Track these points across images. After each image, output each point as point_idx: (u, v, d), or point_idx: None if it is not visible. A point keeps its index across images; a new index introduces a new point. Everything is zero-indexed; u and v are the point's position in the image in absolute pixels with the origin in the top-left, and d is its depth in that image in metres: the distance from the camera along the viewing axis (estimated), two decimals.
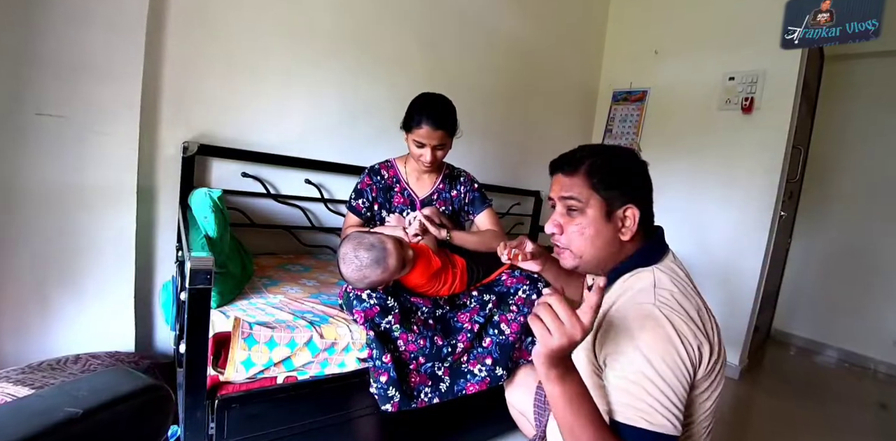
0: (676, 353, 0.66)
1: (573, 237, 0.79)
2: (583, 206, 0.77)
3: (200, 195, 1.20)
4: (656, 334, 0.67)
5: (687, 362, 0.66)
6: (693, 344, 0.67)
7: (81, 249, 1.32)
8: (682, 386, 0.66)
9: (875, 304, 2.80)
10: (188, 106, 1.56)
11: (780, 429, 1.87)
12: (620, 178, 0.77)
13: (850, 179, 2.93)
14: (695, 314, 0.71)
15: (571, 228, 0.79)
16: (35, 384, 1.04)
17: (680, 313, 0.69)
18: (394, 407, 1.09)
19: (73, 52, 1.25)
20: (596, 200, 0.77)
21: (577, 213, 0.78)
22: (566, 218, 0.80)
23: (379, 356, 1.09)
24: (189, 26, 1.52)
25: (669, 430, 0.64)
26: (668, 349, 0.66)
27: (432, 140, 1.32)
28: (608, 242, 0.78)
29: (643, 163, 0.82)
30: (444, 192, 1.50)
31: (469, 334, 1.22)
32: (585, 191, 0.77)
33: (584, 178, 0.77)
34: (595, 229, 0.77)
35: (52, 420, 0.39)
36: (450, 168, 1.54)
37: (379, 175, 1.47)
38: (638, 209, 0.77)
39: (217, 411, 0.95)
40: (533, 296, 1.28)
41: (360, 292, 1.14)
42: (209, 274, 0.83)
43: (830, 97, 2.91)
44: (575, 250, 0.80)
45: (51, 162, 1.26)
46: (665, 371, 0.65)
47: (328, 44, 1.83)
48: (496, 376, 1.22)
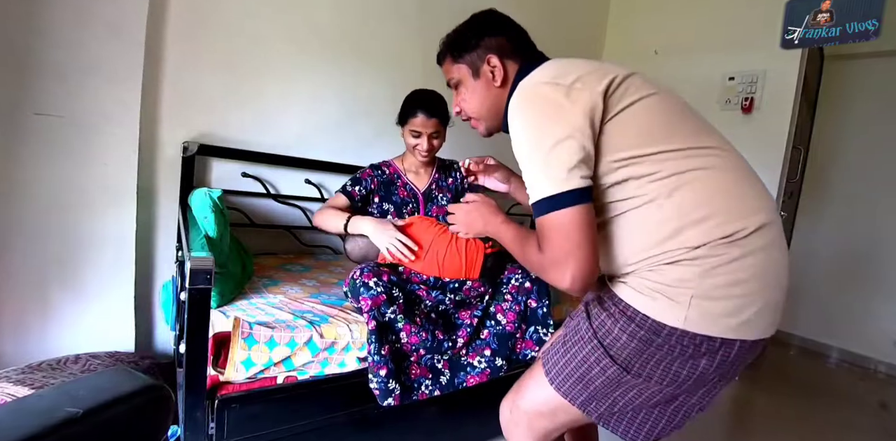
0: (543, 107, 0.68)
1: (466, 106, 0.90)
2: (458, 78, 0.89)
3: (200, 195, 1.20)
4: (521, 105, 0.70)
5: (566, 104, 0.66)
6: (563, 87, 0.67)
7: (81, 249, 1.33)
8: (572, 131, 0.65)
9: (875, 304, 2.80)
10: (188, 106, 1.56)
11: (780, 429, 1.87)
12: (466, 40, 0.86)
13: (850, 179, 2.93)
14: (560, 69, 0.73)
15: (462, 102, 0.91)
16: (35, 384, 1.04)
17: (544, 76, 0.71)
18: (395, 400, 1.09)
19: (73, 52, 1.25)
20: (463, 69, 0.87)
21: (460, 88, 0.90)
22: (457, 96, 0.92)
23: (378, 350, 1.09)
24: (189, 26, 1.52)
25: (565, 187, 0.64)
26: (535, 106, 0.69)
27: (427, 128, 1.37)
28: (490, 96, 0.86)
29: (488, 13, 0.90)
30: (442, 182, 1.55)
31: (469, 329, 1.23)
32: (453, 67, 0.89)
33: (448, 59, 0.90)
34: (473, 90, 0.87)
35: (52, 420, 0.39)
36: (440, 160, 1.60)
37: (380, 170, 1.52)
38: (496, 55, 0.83)
39: (217, 411, 0.95)
40: (526, 283, 1.29)
41: (367, 279, 1.14)
42: (209, 274, 0.83)
43: (830, 97, 2.91)
44: (474, 114, 0.90)
45: (51, 162, 1.26)
46: (535, 133, 0.67)
47: (328, 44, 1.84)
48: (496, 367, 1.23)
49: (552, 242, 0.66)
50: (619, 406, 0.74)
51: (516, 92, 0.73)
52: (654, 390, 0.71)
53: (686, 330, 0.65)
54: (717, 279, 0.64)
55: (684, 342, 0.66)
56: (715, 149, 0.71)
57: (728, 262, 0.64)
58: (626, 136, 0.68)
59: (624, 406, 0.74)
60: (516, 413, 0.85)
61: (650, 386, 0.71)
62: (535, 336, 1.30)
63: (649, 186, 0.67)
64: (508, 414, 0.87)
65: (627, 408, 0.75)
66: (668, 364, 0.68)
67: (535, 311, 1.30)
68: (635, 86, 0.70)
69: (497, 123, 0.90)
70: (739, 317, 0.65)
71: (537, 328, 1.30)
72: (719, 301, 0.65)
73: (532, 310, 1.30)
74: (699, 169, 0.67)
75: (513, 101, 0.72)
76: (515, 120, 0.70)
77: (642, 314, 0.68)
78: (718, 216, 0.65)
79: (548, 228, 0.66)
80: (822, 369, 2.74)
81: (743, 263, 0.65)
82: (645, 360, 0.69)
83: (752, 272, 0.65)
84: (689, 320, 0.65)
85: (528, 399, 0.83)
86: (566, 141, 0.64)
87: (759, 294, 0.66)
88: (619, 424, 0.76)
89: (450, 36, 0.91)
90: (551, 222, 0.65)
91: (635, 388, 0.72)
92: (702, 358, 0.67)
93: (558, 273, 0.66)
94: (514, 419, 0.85)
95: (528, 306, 1.29)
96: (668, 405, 0.74)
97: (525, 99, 0.70)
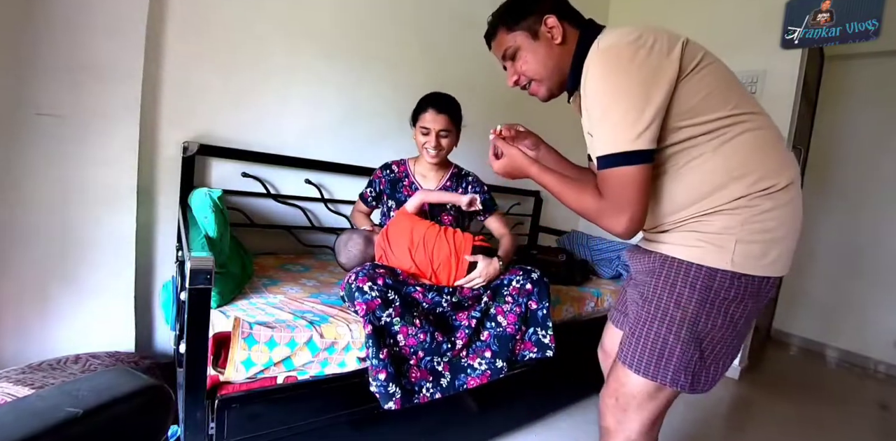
0: (627, 67, 0.73)
1: (525, 69, 0.92)
2: (516, 45, 0.90)
3: (200, 195, 1.20)
4: (605, 64, 0.75)
5: (649, 64, 0.72)
6: (645, 48, 0.73)
7: (81, 249, 1.32)
8: (653, 90, 0.72)
9: (875, 304, 2.80)
10: (188, 106, 1.56)
11: (780, 429, 1.87)
12: (522, 6, 0.89)
13: (850, 179, 2.93)
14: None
15: (521, 67, 0.92)
16: (35, 384, 1.04)
17: (626, 37, 0.75)
18: (397, 404, 1.09)
19: (73, 52, 1.25)
20: (520, 35, 0.89)
21: (518, 54, 0.91)
22: (514, 65, 0.93)
23: (376, 354, 1.09)
24: (189, 26, 1.52)
25: (639, 146, 0.72)
26: (620, 65, 0.73)
27: (436, 124, 1.39)
28: (553, 54, 0.89)
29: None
30: (451, 189, 1.55)
31: (467, 331, 1.23)
32: (509, 36, 0.91)
33: (502, 31, 0.91)
34: (534, 52, 0.89)
35: (52, 420, 0.39)
36: (458, 168, 1.60)
37: (389, 169, 1.57)
38: (554, 15, 0.86)
39: (217, 411, 0.95)
40: (527, 285, 1.29)
41: (361, 283, 1.14)
42: (209, 274, 0.83)
43: (830, 97, 2.91)
44: (535, 76, 0.92)
45: (51, 162, 1.26)
46: (617, 91, 0.73)
47: (328, 44, 1.83)
48: (497, 369, 1.23)
49: (616, 192, 0.75)
50: (694, 369, 0.82)
51: (599, 52, 0.77)
52: (723, 337, 0.81)
53: (735, 271, 0.77)
54: (753, 226, 0.76)
55: (736, 284, 0.78)
56: (757, 114, 0.80)
57: (761, 212, 0.76)
58: (691, 100, 0.75)
59: (699, 366, 0.82)
60: (619, 409, 0.88)
61: (717, 335, 0.80)
62: (535, 337, 1.30)
63: (702, 146, 0.78)
64: (613, 417, 0.89)
65: (707, 361, 0.82)
66: (726, 309, 0.79)
67: (536, 312, 1.30)
68: (698, 51, 0.78)
69: (560, 83, 0.92)
70: (768, 258, 0.78)
71: (536, 330, 1.30)
72: (754, 245, 0.77)
73: (532, 312, 1.30)
74: (746, 132, 0.77)
75: (595, 60, 0.77)
76: (596, 77, 0.76)
77: (696, 264, 0.79)
78: (757, 173, 0.76)
79: (616, 178, 0.75)
80: (822, 369, 2.74)
81: (773, 214, 0.77)
82: (708, 310, 0.79)
83: (780, 221, 0.77)
84: (735, 263, 0.77)
85: (623, 393, 0.87)
86: (646, 102, 0.72)
87: (782, 240, 0.79)
88: (698, 385, 0.83)
89: (500, 9, 0.92)
90: (620, 175, 0.74)
91: (710, 344, 0.81)
92: (750, 298, 0.79)
93: (615, 219, 0.76)
94: (618, 417, 0.88)
95: (528, 308, 1.29)
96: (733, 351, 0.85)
97: (609, 58, 0.75)
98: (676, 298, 0.81)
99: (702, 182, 0.78)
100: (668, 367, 0.81)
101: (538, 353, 1.30)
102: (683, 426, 1.78)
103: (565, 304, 1.65)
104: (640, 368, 0.84)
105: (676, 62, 0.73)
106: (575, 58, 0.87)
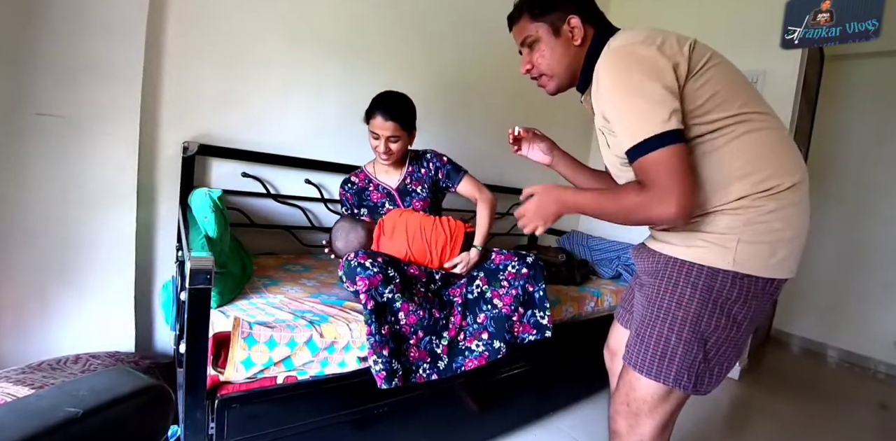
0: (640, 63, 0.74)
1: (540, 62, 0.92)
2: (536, 36, 0.91)
3: (200, 195, 1.20)
4: (617, 63, 0.76)
5: (659, 62, 0.73)
6: (655, 47, 0.74)
7: (81, 249, 1.32)
8: (665, 84, 0.73)
9: (875, 304, 2.80)
10: (188, 106, 1.56)
11: (780, 429, 1.87)
12: (551, 1, 0.89)
13: (850, 179, 2.93)
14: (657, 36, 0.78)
15: (537, 59, 0.92)
16: (35, 384, 1.04)
17: (635, 38, 0.77)
18: (399, 380, 1.10)
19: (73, 52, 1.25)
20: (542, 27, 0.90)
21: (535, 45, 0.92)
22: (530, 54, 0.93)
23: (378, 330, 1.10)
24: (189, 26, 1.52)
25: (669, 127, 0.71)
26: (631, 63, 0.74)
27: (385, 131, 1.38)
28: (569, 54, 0.90)
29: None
30: (415, 174, 1.53)
31: (460, 308, 1.28)
32: (531, 25, 0.91)
33: (525, 17, 0.91)
34: (552, 48, 0.90)
35: (52, 420, 0.40)
36: (412, 151, 1.56)
37: (349, 183, 1.56)
38: (578, 16, 0.87)
39: (217, 411, 0.95)
40: (522, 269, 1.32)
41: (362, 260, 1.16)
42: (209, 274, 0.83)
43: (830, 97, 2.91)
44: (547, 71, 0.92)
45: (51, 162, 1.26)
46: (633, 85, 0.73)
47: (328, 44, 1.83)
48: (494, 350, 1.25)
49: (658, 176, 0.72)
50: (697, 369, 0.81)
51: (610, 51, 0.79)
52: (727, 338, 0.81)
53: (737, 272, 0.77)
54: (758, 227, 0.76)
55: (738, 284, 0.77)
56: (765, 114, 0.80)
57: (766, 212, 0.76)
58: (698, 99, 0.76)
59: (703, 367, 0.82)
60: (631, 414, 0.88)
61: (720, 335, 0.80)
62: (533, 319, 1.32)
63: (707, 144, 0.77)
64: (625, 418, 0.89)
65: (710, 362, 0.82)
66: (728, 309, 0.79)
67: (533, 294, 1.32)
68: (706, 51, 0.79)
69: (570, 81, 0.94)
70: (774, 258, 0.77)
71: (535, 312, 1.32)
72: (758, 245, 0.76)
73: (529, 294, 1.32)
74: (752, 131, 0.77)
75: (608, 58, 0.78)
76: (611, 75, 0.76)
77: (698, 265, 0.79)
78: (761, 172, 0.76)
79: (654, 164, 0.72)
80: (822, 369, 2.74)
81: (778, 214, 0.76)
82: (710, 310, 0.79)
83: (787, 222, 0.77)
84: (736, 262, 0.77)
85: (634, 398, 0.87)
86: (665, 89, 0.72)
87: (789, 241, 0.78)
88: (702, 386, 0.83)
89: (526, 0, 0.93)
90: (657, 158, 0.72)
91: (713, 345, 0.81)
92: (753, 299, 0.79)
93: (664, 204, 0.72)
94: (631, 419, 0.88)
95: (525, 290, 1.31)
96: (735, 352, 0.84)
97: (623, 56, 0.76)
98: (678, 298, 0.81)
99: (705, 181, 0.78)
100: (670, 367, 0.81)
101: (537, 335, 1.32)
102: (683, 426, 1.78)
103: (565, 304, 1.65)
104: (643, 368, 0.84)
105: (686, 60, 0.75)
106: (587, 58, 0.89)
